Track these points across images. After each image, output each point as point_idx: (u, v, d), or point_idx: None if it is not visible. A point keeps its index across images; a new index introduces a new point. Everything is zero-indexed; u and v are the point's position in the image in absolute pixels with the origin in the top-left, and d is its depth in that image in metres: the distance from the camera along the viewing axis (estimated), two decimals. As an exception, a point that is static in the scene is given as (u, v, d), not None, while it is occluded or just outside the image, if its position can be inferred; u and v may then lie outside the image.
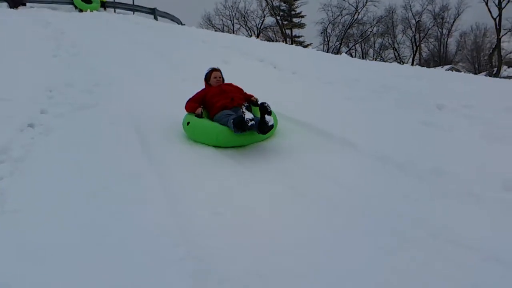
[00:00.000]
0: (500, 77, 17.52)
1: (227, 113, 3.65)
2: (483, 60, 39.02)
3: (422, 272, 1.88)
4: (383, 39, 39.62)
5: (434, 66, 32.18)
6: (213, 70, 4.27)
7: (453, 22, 37.88)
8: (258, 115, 3.47)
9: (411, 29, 38.35)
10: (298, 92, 5.35)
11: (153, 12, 16.42)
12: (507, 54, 34.78)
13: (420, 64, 34.31)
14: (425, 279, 1.83)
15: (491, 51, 33.85)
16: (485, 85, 6.48)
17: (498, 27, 30.90)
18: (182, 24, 16.67)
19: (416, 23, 37.85)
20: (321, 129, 3.84)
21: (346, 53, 30.35)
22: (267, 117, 3.21)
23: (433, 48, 41.23)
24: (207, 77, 4.25)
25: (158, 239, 2.05)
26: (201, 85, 4.32)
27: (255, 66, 7.40)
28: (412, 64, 28.31)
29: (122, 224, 2.20)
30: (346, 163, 3.17)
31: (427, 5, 37.45)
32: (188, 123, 3.72)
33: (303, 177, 3.02)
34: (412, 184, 2.77)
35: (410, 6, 37.90)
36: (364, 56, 38.96)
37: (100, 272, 1.81)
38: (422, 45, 39.54)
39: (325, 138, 3.69)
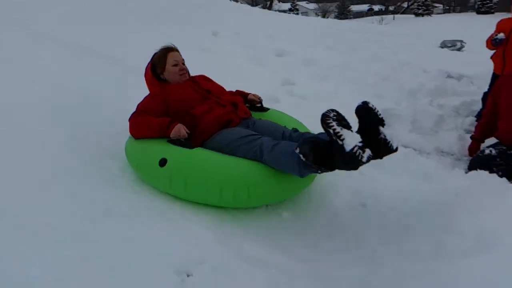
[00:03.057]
0: (272, 10, 19.66)
1: (243, 135, 1.78)
2: (260, -7, 42.73)
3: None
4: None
5: (218, -3, 33.56)
6: (168, 50, 2.10)
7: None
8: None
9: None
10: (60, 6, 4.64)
11: None
12: (279, -11, 39.04)
13: (205, -6, 35.25)
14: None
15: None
16: (255, 16, 7.25)
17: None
18: None
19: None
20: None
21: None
22: (385, 132, 1.58)
23: (217, -22, 42.73)
24: (159, 63, 2.07)
25: None
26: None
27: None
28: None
29: None
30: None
31: None
32: (164, 161, 1.71)
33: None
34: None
35: None
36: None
37: None
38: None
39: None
